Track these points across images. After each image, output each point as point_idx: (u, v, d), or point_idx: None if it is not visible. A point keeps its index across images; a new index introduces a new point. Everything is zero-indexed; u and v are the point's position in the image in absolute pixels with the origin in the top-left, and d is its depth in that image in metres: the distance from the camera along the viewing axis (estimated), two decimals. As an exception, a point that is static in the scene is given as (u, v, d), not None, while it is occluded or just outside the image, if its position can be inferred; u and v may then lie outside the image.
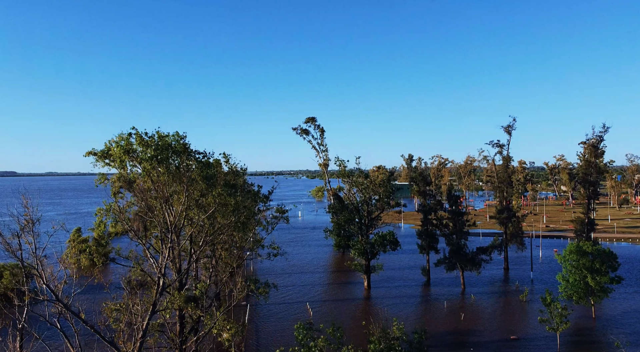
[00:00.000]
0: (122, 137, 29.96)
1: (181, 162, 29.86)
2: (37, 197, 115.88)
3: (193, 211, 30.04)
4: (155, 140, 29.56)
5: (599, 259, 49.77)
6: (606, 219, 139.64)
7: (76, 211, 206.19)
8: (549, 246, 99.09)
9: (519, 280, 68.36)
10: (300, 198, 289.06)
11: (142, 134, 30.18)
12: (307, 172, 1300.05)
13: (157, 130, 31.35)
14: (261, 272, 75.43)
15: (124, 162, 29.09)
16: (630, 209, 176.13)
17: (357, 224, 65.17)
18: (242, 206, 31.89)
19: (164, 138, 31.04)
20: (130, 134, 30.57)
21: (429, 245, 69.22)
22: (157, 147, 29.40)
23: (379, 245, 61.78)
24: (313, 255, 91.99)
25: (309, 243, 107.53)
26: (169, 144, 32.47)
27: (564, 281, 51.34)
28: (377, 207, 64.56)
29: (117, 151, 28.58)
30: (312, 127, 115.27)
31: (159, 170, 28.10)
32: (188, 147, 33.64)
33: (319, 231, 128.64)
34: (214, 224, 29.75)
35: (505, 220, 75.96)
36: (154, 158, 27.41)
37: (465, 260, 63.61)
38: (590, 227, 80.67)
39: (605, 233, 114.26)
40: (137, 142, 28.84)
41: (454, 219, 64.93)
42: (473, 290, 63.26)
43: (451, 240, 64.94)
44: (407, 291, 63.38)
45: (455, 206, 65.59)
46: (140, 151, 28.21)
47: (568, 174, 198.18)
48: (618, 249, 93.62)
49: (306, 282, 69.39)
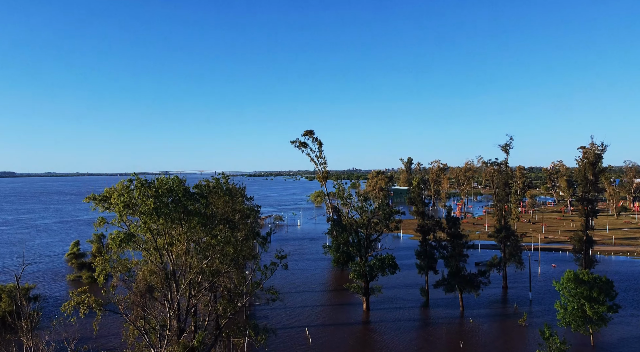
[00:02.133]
0: (122, 185, 30.04)
1: (181, 211, 29.93)
2: (34, 203, 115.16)
3: (192, 257, 30.17)
4: (156, 190, 29.64)
5: (597, 288, 49.96)
6: (604, 229, 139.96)
7: (72, 218, 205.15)
8: (548, 260, 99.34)
9: (518, 301, 68.53)
10: (299, 203, 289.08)
11: (143, 182, 30.27)
12: (305, 172, 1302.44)
13: (158, 177, 31.51)
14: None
15: (124, 216, 29.20)
16: (629, 217, 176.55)
17: (356, 246, 65.28)
18: (241, 255, 32.03)
19: (165, 186, 31.15)
20: (131, 180, 30.68)
21: (428, 265, 69.35)
22: (158, 195, 29.49)
23: (378, 268, 61.91)
24: (312, 271, 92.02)
25: (308, 256, 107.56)
26: (170, 188, 32.60)
27: (562, 308, 51.54)
28: (376, 230, 64.68)
29: (118, 205, 28.68)
30: (310, 140, 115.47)
31: (159, 222, 28.26)
32: (188, 190, 33.77)
33: (318, 242, 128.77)
34: (212, 270, 29.88)
35: (503, 239, 76.15)
36: (154, 212, 27.53)
37: (464, 282, 63.78)
38: (588, 244, 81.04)
39: (604, 246, 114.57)
40: (138, 193, 28.88)
41: (453, 242, 65.05)
42: (472, 312, 63.41)
43: (450, 262, 65.08)
44: (406, 314, 63.45)
45: (454, 228, 65.70)
46: (141, 203, 28.27)
47: (567, 181, 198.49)
48: (616, 264, 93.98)
49: (305, 303, 69.42)
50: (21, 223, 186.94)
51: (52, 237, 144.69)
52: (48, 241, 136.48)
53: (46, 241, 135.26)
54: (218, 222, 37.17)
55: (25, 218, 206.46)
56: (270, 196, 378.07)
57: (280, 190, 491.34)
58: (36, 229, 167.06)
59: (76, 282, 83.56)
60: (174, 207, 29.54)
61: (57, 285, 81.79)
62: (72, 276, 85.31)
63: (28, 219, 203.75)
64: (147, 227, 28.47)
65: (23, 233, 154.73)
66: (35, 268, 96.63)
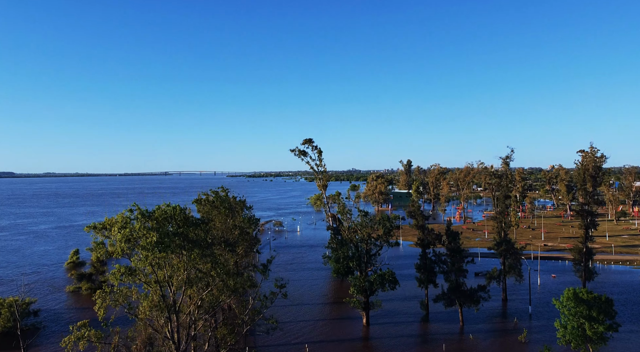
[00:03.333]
0: (122, 216, 30.02)
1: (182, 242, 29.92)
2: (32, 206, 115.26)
3: (192, 287, 30.17)
4: (157, 221, 29.63)
5: (596, 308, 49.99)
6: (604, 236, 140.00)
7: (70, 223, 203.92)
8: (548, 269, 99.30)
9: (518, 315, 68.53)
10: (299, 207, 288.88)
11: (144, 212, 30.27)
12: (305, 173, 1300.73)
13: (159, 206, 31.47)
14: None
15: (124, 250, 29.19)
16: (628, 222, 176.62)
17: (356, 260, 65.25)
18: (241, 286, 32.00)
19: (165, 215, 31.15)
20: (132, 210, 30.68)
21: (428, 279, 69.34)
22: (159, 227, 29.47)
23: (378, 284, 61.89)
24: (311, 281, 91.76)
25: (308, 266, 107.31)
26: (171, 217, 32.59)
27: (562, 327, 51.56)
28: (376, 245, 64.69)
29: (119, 240, 28.65)
30: (309, 149, 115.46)
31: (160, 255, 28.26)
32: (188, 218, 33.74)
33: (318, 249, 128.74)
34: (212, 299, 29.89)
35: (503, 252, 76.16)
36: (155, 247, 27.48)
37: (464, 297, 63.80)
38: (588, 256, 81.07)
39: (603, 254, 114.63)
40: (138, 226, 28.85)
41: (453, 256, 65.05)
42: (472, 327, 63.42)
43: (450, 277, 65.10)
44: (406, 328, 63.44)
45: (454, 243, 65.69)
46: (142, 237, 28.23)
47: (566, 186, 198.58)
48: (615, 274, 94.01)
49: (305, 317, 69.33)
50: (18, 228, 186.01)
51: (50, 244, 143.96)
52: (46, 248, 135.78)
53: (44, 249, 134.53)
54: (218, 244, 37.09)
55: (22, 223, 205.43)
56: (270, 198, 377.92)
57: (279, 192, 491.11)
58: (34, 235, 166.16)
59: (75, 293, 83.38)
60: (175, 239, 29.48)
61: (55, 297, 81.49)
62: (72, 288, 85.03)
63: (26, 224, 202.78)
64: (149, 261, 28.44)
65: (20, 240, 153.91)
66: (33, 278, 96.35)
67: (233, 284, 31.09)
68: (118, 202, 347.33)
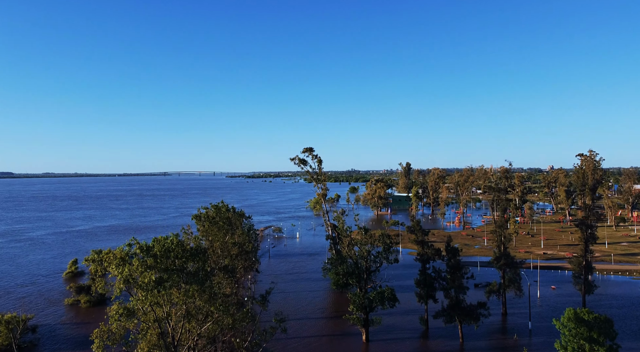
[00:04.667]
0: (121, 250, 29.78)
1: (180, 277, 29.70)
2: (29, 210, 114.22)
3: (191, 322, 29.95)
4: (155, 257, 29.42)
5: (597, 329, 49.89)
6: (603, 244, 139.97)
7: (67, 229, 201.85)
8: (547, 280, 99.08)
9: (518, 330, 68.35)
10: (298, 210, 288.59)
11: (142, 246, 30.06)
12: (304, 174, 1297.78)
13: (157, 240, 31.25)
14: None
15: (122, 290, 28.95)
16: (627, 229, 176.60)
17: (355, 277, 65.06)
18: (239, 322, 31.78)
19: (164, 248, 30.93)
20: (130, 244, 30.46)
21: (427, 294, 69.20)
22: (157, 264, 29.26)
23: (378, 301, 61.70)
24: (310, 294, 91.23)
25: (307, 276, 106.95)
26: (168, 249, 32.37)
27: (562, 349, 51.43)
28: (375, 262, 64.50)
29: (118, 280, 28.41)
30: (309, 158, 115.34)
31: (159, 296, 28.07)
32: (187, 250, 33.53)
33: (317, 257, 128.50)
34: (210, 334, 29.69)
35: (503, 266, 76.02)
36: (154, 288, 27.26)
37: (464, 314, 63.61)
38: (587, 269, 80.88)
39: (603, 263, 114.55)
40: (136, 265, 28.63)
41: (453, 273, 64.88)
42: (471, 344, 63.21)
43: (449, 294, 64.93)
44: (406, 345, 63.20)
45: (454, 260, 65.52)
46: (140, 276, 28.02)
47: (565, 191, 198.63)
48: (615, 286, 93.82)
49: (304, 332, 69.01)
50: (14, 235, 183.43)
51: (47, 252, 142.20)
52: (42, 256, 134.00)
53: (40, 257, 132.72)
54: (217, 270, 36.83)
55: (18, 229, 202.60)
56: (269, 201, 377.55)
57: (279, 194, 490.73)
58: (30, 242, 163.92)
59: (74, 306, 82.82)
60: (174, 276, 29.26)
61: (53, 311, 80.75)
62: (70, 300, 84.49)
63: (22, 229, 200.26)
64: (148, 302, 28.20)
65: (16, 247, 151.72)
66: (29, 290, 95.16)
67: (232, 321, 30.84)
68: (116, 205, 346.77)
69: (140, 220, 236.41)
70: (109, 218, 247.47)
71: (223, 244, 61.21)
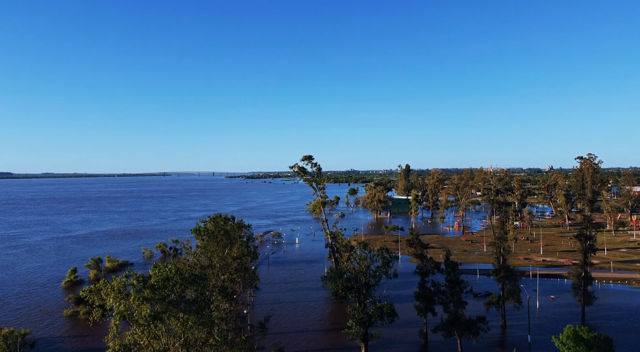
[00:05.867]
0: (118, 281, 29.63)
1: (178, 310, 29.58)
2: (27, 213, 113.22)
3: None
4: (152, 289, 29.30)
5: (596, 348, 49.80)
6: (602, 250, 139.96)
7: (65, 234, 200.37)
8: (547, 289, 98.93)
9: (517, 344, 68.20)
10: (298, 213, 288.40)
11: (138, 277, 29.93)
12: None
13: (156, 265, 31.14)
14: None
15: (118, 327, 28.79)
16: (627, 234, 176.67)
17: (354, 292, 64.89)
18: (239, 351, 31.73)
19: (164, 277, 30.82)
20: (127, 275, 30.32)
21: (427, 307, 69.08)
22: (155, 291, 29.12)
23: (377, 316, 61.53)
24: (309, 304, 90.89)
25: (305, 284, 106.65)
26: (167, 278, 32.26)
27: (562, 367, 51.35)
28: (374, 277, 64.35)
29: (114, 316, 28.27)
30: (309, 166, 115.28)
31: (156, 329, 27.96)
32: (185, 278, 33.42)
33: (317, 265, 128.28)
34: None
35: (502, 278, 75.94)
36: (150, 323, 27.13)
37: (463, 328, 63.47)
38: (586, 280, 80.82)
39: (602, 271, 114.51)
40: (133, 299, 28.50)
41: (452, 288, 64.76)
42: (470, 359, 63.13)
43: (449, 308, 64.81)
44: (405, 360, 63.11)
45: (453, 274, 65.40)
46: (136, 308, 27.90)
47: (564, 196, 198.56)
48: (614, 296, 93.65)
49: (302, 346, 68.68)
50: (11, 240, 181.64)
51: (44, 259, 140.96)
52: (39, 264, 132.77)
53: (38, 265, 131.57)
54: (217, 293, 36.66)
55: (15, 234, 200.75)
56: (268, 204, 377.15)
57: (278, 196, 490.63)
58: (27, 248, 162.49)
59: (73, 318, 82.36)
60: (172, 308, 29.14)
61: (51, 322, 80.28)
62: (69, 312, 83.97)
63: (19, 235, 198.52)
64: (145, 336, 28.08)
65: (12, 254, 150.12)
66: (27, 301, 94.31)
67: (230, 350, 30.74)
68: (115, 208, 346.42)
69: (139, 224, 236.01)
70: (107, 222, 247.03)
71: (222, 259, 61.06)
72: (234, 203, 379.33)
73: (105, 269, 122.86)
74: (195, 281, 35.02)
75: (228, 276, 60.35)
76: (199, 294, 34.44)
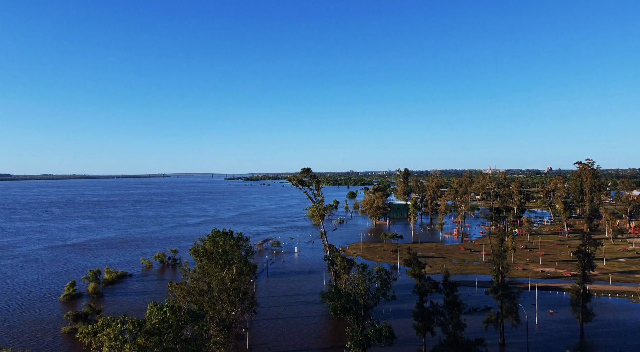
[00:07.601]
0: (114, 329, 29.54)
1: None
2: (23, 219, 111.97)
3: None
4: (148, 336, 29.25)
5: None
6: (601, 259, 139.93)
7: (62, 242, 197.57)
8: (545, 303, 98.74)
9: (516, 364, 68.21)
10: (297, 219, 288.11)
11: (134, 322, 29.85)
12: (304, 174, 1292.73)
13: (154, 305, 31.14)
14: (255, 349, 74.44)
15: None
16: (625, 242, 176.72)
17: (353, 314, 64.84)
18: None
19: (160, 319, 30.74)
20: (123, 321, 30.27)
21: (425, 327, 68.96)
22: (149, 339, 29.06)
23: (375, 338, 61.48)
24: (307, 320, 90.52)
25: (304, 298, 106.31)
26: (163, 320, 32.16)
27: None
28: (373, 299, 64.33)
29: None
30: (307, 178, 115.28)
31: None
32: (182, 317, 33.33)
33: (316, 276, 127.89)
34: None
35: (501, 296, 75.88)
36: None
37: (462, 351, 63.37)
38: (585, 297, 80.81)
39: (600, 283, 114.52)
40: (128, 347, 28.45)
41: (451, 310, 64.67)
42: (469, 381, 62.94)
43: (447, 329, 64.72)
44: (403, 383, 62.95)
45: (451, 296, 65.32)
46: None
47: (563, 203, 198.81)
48: (612, 311, 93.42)
49: (301, 367, 68.68)
50: (6, 250, 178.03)
51: (40, 271, 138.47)
52: (35, 277, 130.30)
53: (33, 277, 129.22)
54: (215, 326, 36.52)
55: (10, 243, 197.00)
56: (267, 209, 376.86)
57: (277, 200, 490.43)
58: (21, 258, 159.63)
59: (71, 335, 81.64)
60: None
61: (49, 342, 79.27)
62: (67, 329, 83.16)
63: (14, 243, 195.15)
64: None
65: (6, 266, 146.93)
66: (23, 317, 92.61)
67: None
68: (113, 213, 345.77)
69: (137, 231, 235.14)
70: (104, 229, 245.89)
71: (220, 282, 60.90)
72: (233, 208, 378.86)
73: (104, 281, 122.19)
74: (193, 320, 34.90)
75: (226, 297, 60.18)
76: (197, 333, 34.32)
